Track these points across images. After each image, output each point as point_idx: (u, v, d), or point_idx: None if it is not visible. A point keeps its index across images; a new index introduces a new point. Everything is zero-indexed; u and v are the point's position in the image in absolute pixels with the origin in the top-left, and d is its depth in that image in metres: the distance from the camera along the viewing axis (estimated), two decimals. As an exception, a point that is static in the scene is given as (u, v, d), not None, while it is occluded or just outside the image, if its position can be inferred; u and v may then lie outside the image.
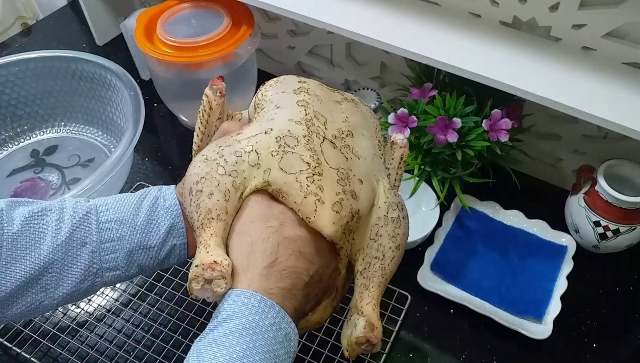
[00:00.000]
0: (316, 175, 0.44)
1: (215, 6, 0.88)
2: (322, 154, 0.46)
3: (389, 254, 0.49)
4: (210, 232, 0.43)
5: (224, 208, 0.44)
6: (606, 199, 0.69)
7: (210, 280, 0.40)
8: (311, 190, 0.44)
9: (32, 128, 0.96)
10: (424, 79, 0.77)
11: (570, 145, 0.80)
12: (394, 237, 0.49)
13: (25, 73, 0.91)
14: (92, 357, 0.67)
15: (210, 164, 0.45)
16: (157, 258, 0.52)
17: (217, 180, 0.44)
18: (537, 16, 0.67)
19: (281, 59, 1.02)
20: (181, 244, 0.53)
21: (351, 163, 0.47)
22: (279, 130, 0.46)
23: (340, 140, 0.48)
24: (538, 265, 0.74)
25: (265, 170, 0.45)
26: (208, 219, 0.43)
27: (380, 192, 0.50)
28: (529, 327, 0.68)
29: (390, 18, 0.72)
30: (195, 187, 0.45)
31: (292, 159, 0.45)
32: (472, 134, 0.70)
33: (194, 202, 0.45)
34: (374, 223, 0.49)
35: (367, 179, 0.48)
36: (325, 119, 0.48)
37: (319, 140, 0.47)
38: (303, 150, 0.45)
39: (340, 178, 0.46)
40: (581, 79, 0.64)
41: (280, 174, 0.44)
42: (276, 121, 0.47)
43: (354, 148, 0.49)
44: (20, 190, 0.88)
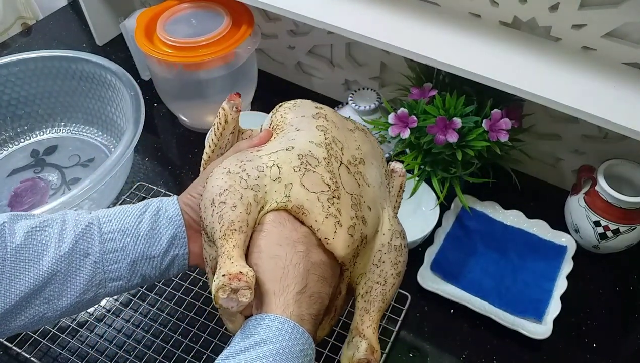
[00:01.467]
0: (335, 198, 0.47)
1: (216, 6, 0.88)
2: (340, 178, 0.48)
3: (390, 280, 0.51)
4: (232, 243, 0.44)
5: (245, 221, 0.45)
6: (606, 199, 0.69)
7: (237, 290, 0.41)
8: (331, 211, 0.46)
9: (32, 128, 0.96)
10: (424, 79, 0.77)
11: (570, 145, 0.80)
12: (395, 265, 0.51)
13: (25, 73, 0.91)
14: (92, 357, 0.67)
15: (234, 177, 0.46)
16: (159, 268, 0.53)
17: (240, 193, 0.46)
18: (537, 16, 0.67)
19: (281, 59, 1.02)
20: (183, 254, 0.53)
21: (362, 189, 0.50)
22: (300, 149, 0.48)
23: (354, 166, 0.51)
24: (538, 265, 0.74)
25: (287, 185, 0.46)
26: (231, 231, 0.44)
27: (385, 219, 0.52)
28: (529, 327, 0.68)
29: (390, 18, 0.72)
30: (218, 199, 0.46)
31: (313, 178, 0.47)
32: (472, 134, 0.70)
33: (216, 213, 0.45)
34: (378, 249, 0.51)
35: (374, 206, 0.51)
36: (342, 145, 0.51)
37: (337, 164, 0.49)
38: (324, 171, 0.47)
39: (354, 203, 0.48)
40: (581, 79, 0.64)
41: (303, 191, 0.46)
42: (297, 141, 0.49)
43: (365, 175, 0.51)
44: (20, 190, 0.88)
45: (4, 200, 0.87)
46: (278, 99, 1.00)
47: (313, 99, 1.00)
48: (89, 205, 0.77)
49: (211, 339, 0.68)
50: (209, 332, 0.69)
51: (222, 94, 0.90)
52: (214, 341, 0.68)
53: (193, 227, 0.53)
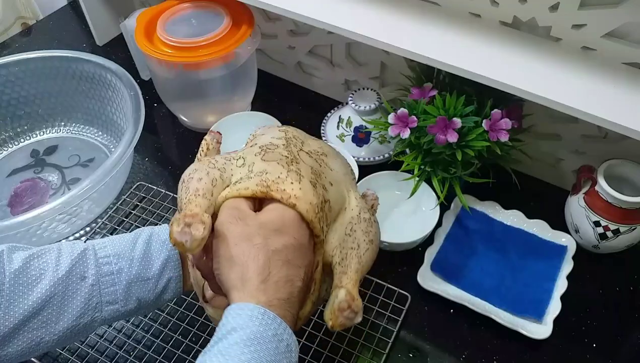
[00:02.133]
0: (295, 162, 0.51)
1: (216, 6, 0.88)
2: (299, 156, 0.52)
3: (364, 245, 0.53)
4: (195, 203, 0.46)
5: (210, 190, 0.48)
6: (606, 199, 0.69)
7: (190, 224, 0.43)
8: (292, 169, 0.50)
9: (32, 128, 0.96)
10: (424, 79, 0.77)
11: (570, 145, 0.80)
12: (367, 233, 0.54)
13: (25, 73, 0.91)
14: (92, 357, 0.67)
15: (202, 163, 0.51)
16: (154, 291, 0.55)
17: (206, 170, 0.50)
18: (537, 16, 0.67)
19: (281, 59, 1.02)
20: (177, 277, 0.56)
21: (323, 169, 0.54)
22: (262, 143, 0.54)
23: (315, 154, 0.55)
24: (538, 265, 0.74)
25: (250, 165, 0.51)
26: (195, 196, 0.47)
27: (351, 198, 0.55)
28: (529, 327, 0.68)
29: (390, 18, 0.72)
30: (187, 177, 0.50)
31: (273, 154, 0.51)
32: (472, 134, 0.70)
33: (184, 187, 0.49)
34: (348, 222, 0.53)
35: (337, 184, 0.54)
36: (303, 141, 0.56)
37: (296, 149, 0.54)
38: (282, 150, 0.52)
39: (313, 172, 0.52)
40: (581, 78, 0.64)
41: (263, 163, 0.50)
42: (259, 140, 0.55)
43: (327, 162, 0.55)
44: (20, 190, 0.89)
45: (4, 200, 0.87)
46: (278, 99, 1.01)
47: (313, 99, 1.01)
48: (89, 205, 0.77)
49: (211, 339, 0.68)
50: (209, 332, 0.69)
51: (222, 94, 0.90)
52: (214, 341, 0.68)
53: None
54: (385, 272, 0.74)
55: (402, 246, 0.75)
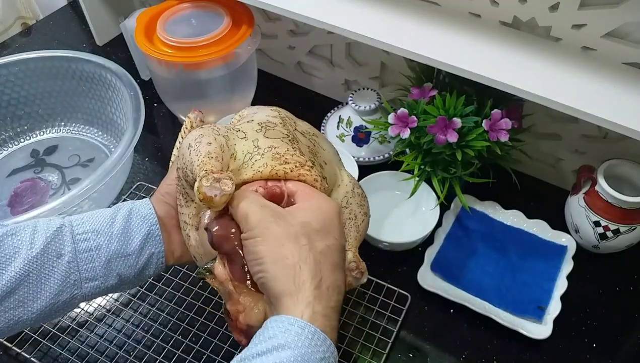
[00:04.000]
0: (295, 141, 0.52)
1: (216, 6, 0.88)
2: (295, 135, 0.54)
3: (360, 216, 0.55)
4: (210, 165, 0.46)
5: (220, 155, 0.47)
6: (606, 199, 0.69)
7: (219, 180, 0.44)
8: (296, 146, 0.51)
9: (32, 128, 0.96)
10: (424, 79, 0.77)
11: (570, 145, 0.80)
12: (361, 206, 0.56)
13: (25, 73, 0.91)
14: (92, 357, 0.67)
15: (206, 128, 0.50)
16: (135, 266, 0.53)
17: (213, 136, 0.49)
18: (537, 16, 0.67)
19: (281, 59, 1.02)
20: (159, 252, 0.54)
21: (317, 149, 0.55)
22: (258, 120, 0.54)
23: (308, 135, 0.56)
24: (538, 265, 0.74)
25: (254, 140, 0.51)
26: (208, 158, 0.46)
27: (343, 175, 0.57)
28: (529, 327, 0.68)
29: (390, 18, 0.72)
30: (194, 142, 0.49)
31: (274, 132, 0.52)
32: (472, 134, 0.70)
33: (194, 150, 0.48)
34: (343, 196, 0.55)
35: (330, 163, 0.56)
36: (295, 122, 0.57)
37: (292, 127, 0.55)
38: (281, 128, 0.53)
39: (310, 151, 0.53)
40: (581, 79, 0.64)
41: (268, 140, 0.51)
42: (255, 117, 0.55)
43: (319, 143, 0.57)
44: (20, 190, 0.89)
45: (4, 200, 0.87)
46: (278, 99, 1.01)
47: (313, 98, 1.01)
48: (89, 205, 0.77)
49: (211, 339, 0.68)
50: (209, 332, 0.69)
51: (222, 94, 0.90)
52: (214, 341, 0.68)
53: (167, 225, 0.55)
54: (385, 272, 0.74)
55: (402, 246, 0.75)
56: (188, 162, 0.48)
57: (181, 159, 0.50)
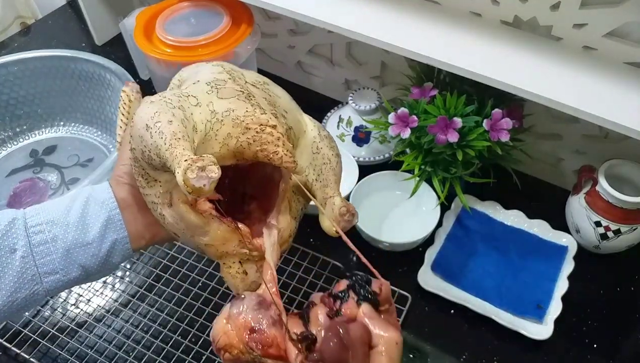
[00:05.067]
0: (252, 96, 0.49)
1: (215, 5, 0.87)
2: (248, 88, 0.50)
3: (334, 159, 0.54)
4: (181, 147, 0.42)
5: (186, 133, 0.44)
6: (607, 199, 0.69)
7: (203, 168, 0.40)
8: (253, 103, 0.48)
9: (31, 128, 0.96)
10: (425, 78, 0.76)
11: (571, 145, 0.80)
12: (332, 148, 0.54)
13: (24, 73, 0.91)
14: (92, 357, 0.67)
15: (158, 103, 0.46)
16: (98, 255, 0.50)
17: (170, 112, 0.45)
18: (538, 15, 0.67)
19: (281, 58, 1.02)
20: (122, 238, 0.51)
21: (273, 98, 0.52)
22: (205, 80, 0.49)
23: (260, 85, 0.52)
24: (539, 265, 0.74)
25: (208, 104, 0.47)
26: (175, 139, 0.43)
27: (306, 121, 0.55)
28: (530, 328, 0.67)
29: (390, 17, 0.72)
30: (152, 121, 0.44)
31: (226, 90, 0.48)
32: (472, 133, 0.70)
33: (155, 132, 0.44)
34: (312, 142, 0.53)
35: (290, 111, 0.53)
36: (242, 73, 0.53)
37: (242, 81, 0.51)
38: (232, 85, 0.49)
39: (269, 103, 0.50)
40: (582, 78, 0.64)
41: (223, 101, 0.47)
42: (200, 77, 0.50)
43: (272, 91, 0.53)
44: (20, 190, 0.88)
45: (3, 200, 0.87)
46: (278, 98, 1.01)
47: (313, 98, 1.01)
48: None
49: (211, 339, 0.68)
50: (208, 333, 0.68)
51: (221, 93, 0.90)
52: (213, 342, 0.68)
53: (130, 207, 0.52)
54: (386, 272, 0.73)
55: (402, 246, 0.75)
56: (151, 145, 0.44)
57: (138, 141, 0.45)
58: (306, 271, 0.74)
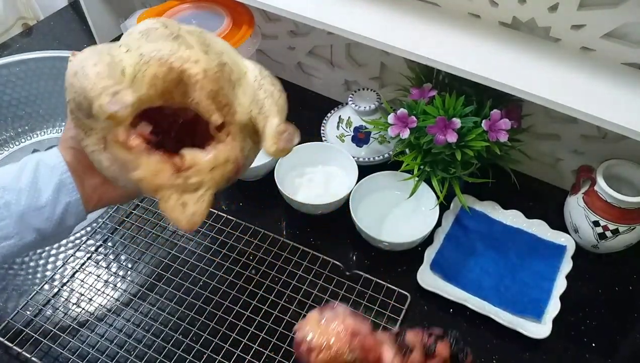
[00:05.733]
0: (180, 37, 0.49)
1: (216, 7, 0.88)
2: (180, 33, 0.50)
3: (276, 93, 0.53)
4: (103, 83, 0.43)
5: (111, 74, 0.44)
6: (605, 199, 0.69)
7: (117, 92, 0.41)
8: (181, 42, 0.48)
9: (33, 128, 0.96)
10: (424, 79, 0.77)
11: (570, 145, 0.80)
12: (274, 84, 0.54)
13: (26, 73, 0.91)
14: (93, 356, 0.68)
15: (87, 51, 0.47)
16: (52, 218, 0.51)
17: (97, 57, 0.46)
18: (537, 17, 0.68)
19: (281, 60, 1.02)
20: (75, 200, 0.52)
21: (210, 41, 0.52)
22: (138, 30, 0.50)
23: (196, 32, 0.52)
24: (537, 264, 0.74)
25: (137, 48, 0.47)
26: (99, 79, 0.44)
27: (247, 63, 0.55)
28: (529, 327, 0.68)
29: (390, 19, 0.72)
30: (79, 68, 0.45)
31: (156, 33, 0.48)
32: (471, 134, 0.70)
33: (81, 75, 0.45)
34: (253, 80, 0.53)
35: (227, 53, 0.53)
36: (179, 26, 0.52)
37: (176, 28, 0.50)
38: (163, 30, 0.49)
39: (201, 42, 0.50)
40: (580, 79, 0.64)
41: (151, 44, 0.47)
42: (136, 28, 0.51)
43: (210, 37, 0.53)
44: (21, 190, 0.89)
45: (4, 200, 0.87)
46: (278, 99, 1.01)
47: (313, 99, 1.01)
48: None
49: (212, 339, 0.68)
50: (209, 332, 0.69)
51: (222, 94, 0.90)
52: (214, 340, 0.68)
53: (79, 170, 0.53)
54: (385, 272, 0.74)
55: (402, 246, 0.75)
56: (79, 89, 0.45)
57: (71, 90, 0.46)
58: (306, 270, 0.74)
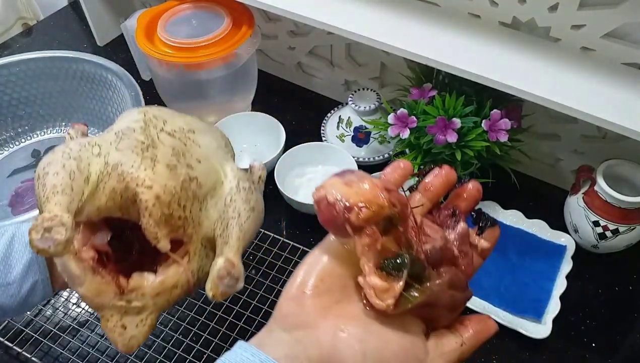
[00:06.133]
0: (151, 147, 0.47)
1: (216, 7, 0.88)
2: (158, 138, 0.49)
3: (245, 214, 0.50)
4: (54, 201, 0.43)
5: (69, 185, 0.44)
6: (605, 199, 0.69)
7: (50, 229, 0.40)
8: (146, 155, 0.47)
9: (33, 128, 0.96)
10: (424, 79, 0.77)
11: (570, 145, 0.80)
12: (247, 201, 0.51)
13: (26, 73, 0.91)
14: (93, 356, 0.68)
15: (56, 153, 0.47)
16: (17, 295, 0.51)
17: (62, 163, 0.45)
18: (537, 17, 0.68)
19: (281, 60, 1.02)
20: (44, 279, 0.52)
21: (190, 147, 0.50)
22: (117, 129, 0.50)
23: (180, 133, 0.51)
24: (537, 264, 0.74)
25: (105, 155, 0.47)
26: (53, 193, 0.43)
27: (227, 171, 0.52)
28: (529, 327, 0.68)
29: (390, 19, 0.72)
30: (43, 172, 0.45)
31: (128, 141, 0.48)
32: (471, 134, 0.70)
33: (41, 183, 0.45)
34: (227, 193, 0.51)
35: (206, 160, 0.51)
36: (165, 120, 0.51)
37: (156, 130, 0.50)
38: (139, 135, 0.48)
39: (174, 153, 0.48)
40: (580, 79, 0.64)
41: (118, 153, 0.47)
42: (116, 126, 0.51)
43: (194, 139, 0.51)
44: (22, 190, 0.89)
45: (5, 200, 0.87)
46: (278, 99, 1.01)
47: (313, 99, 1.02)
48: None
49: (212, 339, 0.68)
50: (209, 332, 0.69)
51: (222, 94, 0.91)
52: (214, 341, 0.68)
53: None
54: (385, 272, 0.74)
55: (401, 246, 0.75)
56: (37, 195, 0.45)
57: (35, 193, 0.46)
58: (306, 270, 0.74)
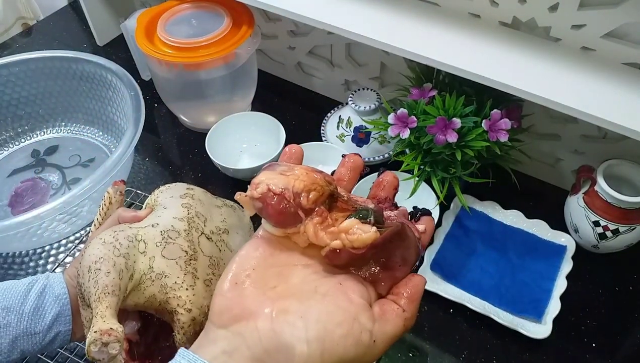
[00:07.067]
0: (193, 260, 0.53)
1: (216, 6, 0.88)
2: (198, 245, 0.54)
3: None
4: (105, 304, 0.47)
5: (118, 285, 0.49)
6: (605, 199, 0.69)
7: (107, 344, 0.45)
8: (189, 270, 0.52)
9: (33, 128, 0.96)
10: (424, 79, 0.77)
11: (570, 145, 0.80)
12: None
13: (25, 73, 0.91)
14: None
15: (107, 246, 0.51)
16: (40, 343, 0.55)
17: (113, 261, 0.50)
18: (537, 16, 0.67)
19: (281, 60, 1.02)
20: (66, 331, 0.56)
21: (223, 253, 0.56)
22: (163, 226, 0.54)
23: (217, 235, 0.57)
24: (537, 264, 0.74)
25: (150, 258, 0.52)
26: (104, 294, 0.48)
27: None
28: (529, 327, 0.68)
29: (390, 18, 0.72)
30: (94, 266, 0.49)
31: (172, 248, 0.53)
32: (471, 134, 0.70)
33: (92, 279, 0.49)
34: None
35: None
36: (205, 218, 0.57)
37: (197, 233, 0.55)
38: (182, 241, 0.53)
39: (211, 264, 0.54)
40: (580, 79, 0.64)
41: (163, 260, 0.52)
42: (162, 218, 0.55)
43: (228, 242, 0.57)
44: (21, 190, 0.89)
45: (4, 200, 0.87)
46: (278, 99, 1.01)
47: (313, 99, 1.02)
48: (89, 205, 0.77)
49: None
50: (209, 332, 0.69)
51: (222, 94, 0.91)
52: None
53: (76, 304, 0.55)
54: (385, 272, 0.74)
55: (401, 246, 0.75)
56: (86, 287, 0.49)
57: (81, 275, 0.50)
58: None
